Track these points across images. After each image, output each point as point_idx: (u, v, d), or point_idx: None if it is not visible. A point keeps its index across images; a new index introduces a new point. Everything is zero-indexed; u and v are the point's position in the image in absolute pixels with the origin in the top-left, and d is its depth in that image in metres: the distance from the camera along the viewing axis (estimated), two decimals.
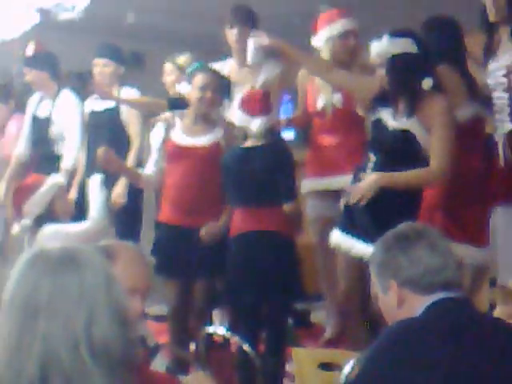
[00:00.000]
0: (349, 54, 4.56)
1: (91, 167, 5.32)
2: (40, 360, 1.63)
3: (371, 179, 3.81)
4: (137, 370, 1.81)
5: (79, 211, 5.25)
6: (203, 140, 4.54)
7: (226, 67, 4.97)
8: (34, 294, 1.66)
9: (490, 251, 4.21)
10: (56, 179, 5.19)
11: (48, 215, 4.99)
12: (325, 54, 4.56)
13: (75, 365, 1.64)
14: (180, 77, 5.12)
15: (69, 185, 5.36)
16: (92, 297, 1.68)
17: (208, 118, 4.54)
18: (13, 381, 1.63)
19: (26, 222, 4.98)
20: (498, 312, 3.96)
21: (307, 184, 4.76)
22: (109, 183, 5.32)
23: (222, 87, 4.60)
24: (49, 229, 4.82)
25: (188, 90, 4.53)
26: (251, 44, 4.49)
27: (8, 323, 1.67)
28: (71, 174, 5.46)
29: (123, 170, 4.81)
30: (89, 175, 5.42)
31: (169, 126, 4.65)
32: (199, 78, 4.45)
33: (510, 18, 4.01)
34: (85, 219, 5.23)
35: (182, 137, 4.57)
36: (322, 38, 4.54)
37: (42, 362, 1.63)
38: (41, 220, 4.95)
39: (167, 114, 4.82)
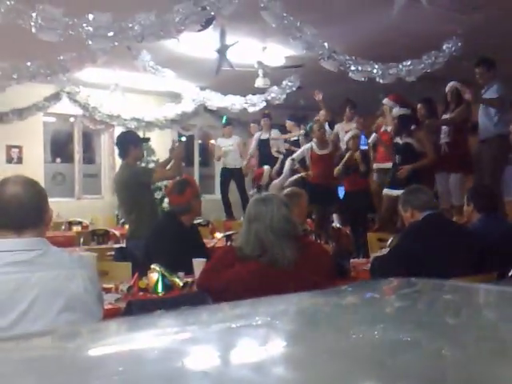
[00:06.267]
0: None
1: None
2: (255, 239, 2.43)
3: (408, 167, 5.48)
4: (299, 240, 2.48)
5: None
6: (326, 151, 6.80)
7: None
8: (249, 212, 2.50)
9: None
10: (266, 169, 8.02)
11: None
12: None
13: (267, 237, 2.39)
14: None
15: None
16: (271, 212, 2.41)
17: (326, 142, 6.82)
18: (244, 247, 2.44)
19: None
20: None
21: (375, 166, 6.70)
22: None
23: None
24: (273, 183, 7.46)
25: None
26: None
27: (244, 224, 2.55)
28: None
29: None
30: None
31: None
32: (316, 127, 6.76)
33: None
34: None
35: (317, 149, 6.81)
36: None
37: (256, 239, 2.43)
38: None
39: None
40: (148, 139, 5.27)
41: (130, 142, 4.47)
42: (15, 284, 1.58)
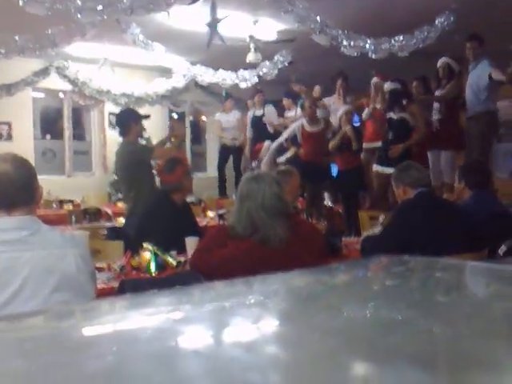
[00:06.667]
0: None
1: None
2: (247, 217, 2.42)
3: (399, 146, 5.53)
4: (291, 218, 2.50)
5: None
6: (317, 128, 6.76)
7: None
8: (241, 190, 2.47)
9: None
10: (266, 144, 7.81)
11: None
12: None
13: (258, 216, 2.38)
14: None
15: None
16: (263, 190, 2.39)
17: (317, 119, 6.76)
18: (236, 226, 2.44)
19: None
20: None
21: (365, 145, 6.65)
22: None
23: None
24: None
25: None
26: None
27: (236, 202, 2.53)
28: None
29: None
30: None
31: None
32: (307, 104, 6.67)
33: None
34: None
35: (307, 127, 6.77)
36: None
37: (248, 217, 2.42)
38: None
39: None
40: (148, 116, 5.21)
41: (131, 119, 4.46)
42: (6, 263, 1.58)
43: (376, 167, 5.92)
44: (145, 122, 8.21)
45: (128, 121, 4.43)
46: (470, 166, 3.79)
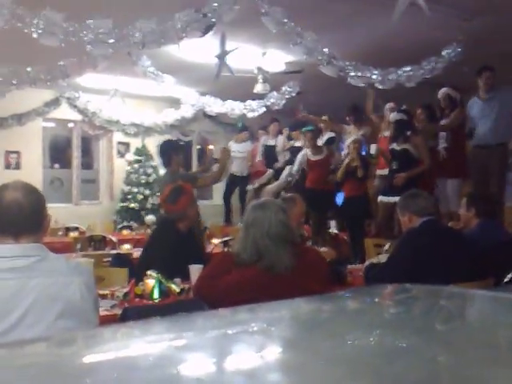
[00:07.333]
0: None
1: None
2: (253, 244, 2.42)
3: (403, 175, 5.47)
4: (297, 245, 2.50)
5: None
6: (320, 156, 6.90)
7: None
8: (247, 218, 2.49)
9: None
10: (270, 171, 8.04)
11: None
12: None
13: (264, 243, 2.38)
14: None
15: None
16: (269, 217, 2.40)
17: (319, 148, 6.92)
18: (242, 253, 2.43)
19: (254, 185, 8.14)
20: None
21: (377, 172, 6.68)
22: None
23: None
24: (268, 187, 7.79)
25: None
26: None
27: (242, 230, 2.53)
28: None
29: None
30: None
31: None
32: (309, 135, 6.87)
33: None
34: None
35: (311, 156, 6.95)
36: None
37: (253, 245, 2.41)
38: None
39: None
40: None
41: (172, 150, 4.68)
42: (13, 290, 1.58)
43: (381, 198, 5.90)
44: (153, 151, 8.45)
45: (169, 152, 4.65)
46: (480, 194, 3.76)
